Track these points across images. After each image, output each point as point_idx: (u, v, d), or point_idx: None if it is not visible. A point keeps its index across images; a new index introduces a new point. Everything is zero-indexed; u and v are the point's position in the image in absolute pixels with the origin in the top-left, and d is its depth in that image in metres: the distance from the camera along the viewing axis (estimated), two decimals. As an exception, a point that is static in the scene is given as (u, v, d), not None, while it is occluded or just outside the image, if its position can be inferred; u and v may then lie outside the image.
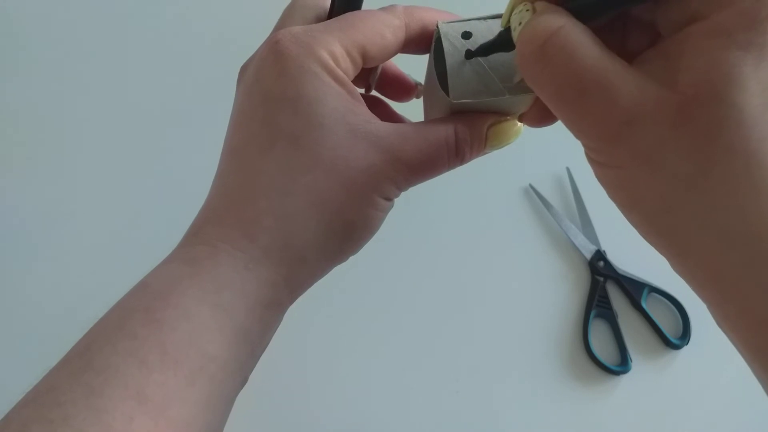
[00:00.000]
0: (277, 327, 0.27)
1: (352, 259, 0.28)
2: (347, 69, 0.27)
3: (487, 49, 0.26)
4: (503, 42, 0.25)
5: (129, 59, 0.60)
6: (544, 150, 0.55)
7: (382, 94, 0.34)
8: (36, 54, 0.60)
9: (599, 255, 0.51)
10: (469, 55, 0.26)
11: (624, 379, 0.48)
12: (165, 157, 0.55)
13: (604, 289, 0.50)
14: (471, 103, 0.27)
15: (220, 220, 0.26)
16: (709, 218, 0.19)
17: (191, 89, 0.57)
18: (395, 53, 0.29)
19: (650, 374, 0.48)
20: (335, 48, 0.26)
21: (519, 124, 0.29)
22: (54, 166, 0.55)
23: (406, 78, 0.34)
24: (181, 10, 0.62)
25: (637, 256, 0.51)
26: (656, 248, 0.22)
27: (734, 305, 0.20)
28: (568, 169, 0.54)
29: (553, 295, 0.51)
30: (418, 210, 0.53)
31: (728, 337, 0.21)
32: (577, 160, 0.55)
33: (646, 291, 0.50)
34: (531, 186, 0.54)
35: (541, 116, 0.27)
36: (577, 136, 0.22)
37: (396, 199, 0.28)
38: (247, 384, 0.26)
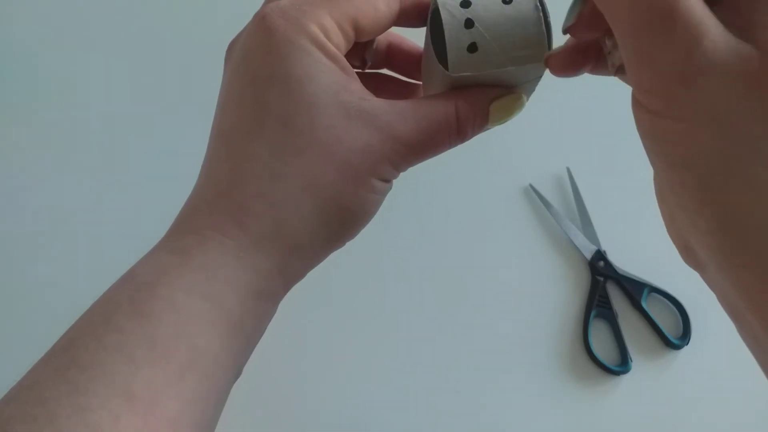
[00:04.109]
0: (272, 317, 0.26)
1: (350, 259, 0.27)
2: (339, 43, 0.25)
3: None
4: None
5: (123, 55, 0.60)
6: (544, 150, 0.56)
7: (394, 71, 0.33)
8: (34, 51, 0.60)
9: (599, 255, 0.51)
10: (469, 24, 0.25)
11: (624, 379, 0.48)
12: (160, 150, 0.55)
13: (604, 289, 0.50)
14: (471, 76, 0.26)
15: (209, 207, 0.25)
16: None
17: (183, 83, 0.57)
18: (390, 26, 0.28)
19: (650, 374, 0.48)
20: (325, 21, 0.25)
21: (523, 97, 0.28)
22: (53, 162, 0.55)
23: (418, 52, 0.32)
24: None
25: (637, 256, 0.51)
26: (693, 217, 0.20)
27: None
28: (568, 169, 0.54)
29: (553, 295, 0.51)
30: (417, 209, 0.53)
31: (748, 324, 0.20)
32: (577, 160, 0.55)
33: (646, 291, 0.50)
34: (531, 186, 0.54)
35: (566, 62, 0.25)
36: (639, 75, 0.20)
37: (396, 198, 0.27)
38: (241, 379, 0.26)
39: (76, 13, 0.61)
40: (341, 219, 0.25)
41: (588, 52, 0.25)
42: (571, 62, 0.25)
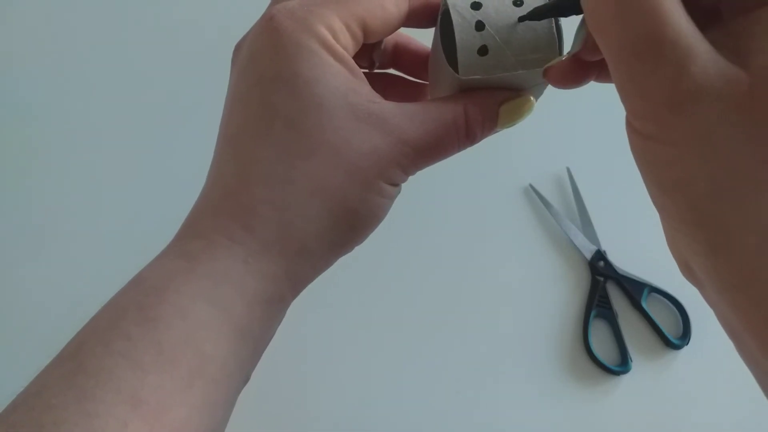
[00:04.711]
0: (280, 322, 0.26)
1: (350, 259, 0.27)
2: (347, 45, 0.25)
3: (545, 12, 0.24)
4: (568, 3, 0.23)
5: (128, 55, 0.59)
6: (544, 150, 0.56)
7: (400, 71, 0.33)
8: (36, 52, 0.60)
9: (599, 255, 0.51)
10: (480, 26, 0.25)
11: (624, 379, 0.48)
12: (165, 152, 0.55)
13: (604, 289, 0.50)
14: (481, 80, 0.26)
15: (216, 211, 0.25)
16: (762, 212, 0.18)
17: (189, 84, 0.57)
18: (398, 26, 0.27)
19: (650, 374, 0.48)
20: (334, 22, 0.25)
21: (532, 99, 0.28)
22: (54, 163, 0.55)
23: (426, 52, 0.32)
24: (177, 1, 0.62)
25: (637, 256, 0.51)
26: (688, 240, 0.20)
27: (764, 311, 0.19)
28: (568, 169, 0.54)
29: (553, 295, 0.51)
30: (417, 209, 0.53)
31: (747, 346, 0.20)
32: (577, 160, 0.55)
33: (646, 291, 0.50)
34: (531, 186, 0.54)
35: (566, 75, 0.25)
36: (630, 100, 0.20)
37: (396, 198, 0.27)
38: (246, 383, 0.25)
39: (80, 13, 0.61)
40: (350, 223, 0.25)
41: (589, 64, 0.25)
42: (571, 75, 0.25)
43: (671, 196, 0.20)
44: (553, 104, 0.42)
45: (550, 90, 0.28)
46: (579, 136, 0.56)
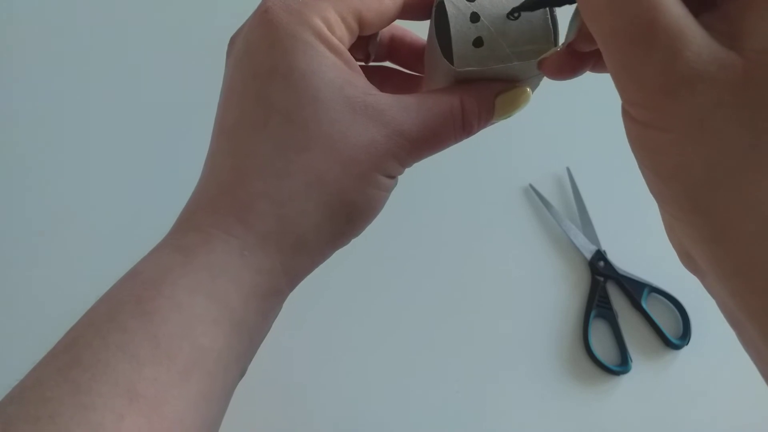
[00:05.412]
0: (276, 315, 0.26)
1: (350, 260, 0.27)
2: (343, 37, 0.25)
3: (538, 2, 0.24)
4: None
5: (124, 53, 0.59)
6: (544, 150, 0.56)
7: (396, 64, 0.33)
8: (34, 50, 0.60)
9: (599, 255, 0.51)
10: (475, 18, 0.25)
11: (624, 379, 0.48)
12: (165, 152, 0.55)
13: (604, 289, 0.50)
14: (477, 71, 0.26)
15: (213, 205, 0.25)
16: (758, 197, 0.18)
17: (184, 81, 0.57)
18: (394, 18, 0.27)
19: (650, 374, 0.48)
20: (329, 14, 0.25)
21: (528, 90, 0.28)
22: (53, 161, 0.55)
23: (421, 44, 0.32)
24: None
25: (637, 256, 0.51)
26: (686, 228, 0.20)
27: (764, 299, 0.19)
28: (568, 169, 0.54)
29: (553, 295, 0.51)
30: (417, 209, 0.53)
31: (748, 333, 0.20)
32: (577, 160, 0.55)
33: (646, 291, 0.50)
34: (531, 186, 0.54)
35: (561, 66, 0.25)
36: (625, 87, 0.20)
37: (395, 197, 0.27)
38: (242, 379, 0.25)
39: (76, 11, 0.61)
40: (346, 215, 0.25)
41: (584, 55, 0.25)
42: (566, 66, 0.25)
43: (668, 184, 0.20)
44: (553, 104, 0.42)
45: (551, 90, 0.28)
46: (579, 136, 0.56)
